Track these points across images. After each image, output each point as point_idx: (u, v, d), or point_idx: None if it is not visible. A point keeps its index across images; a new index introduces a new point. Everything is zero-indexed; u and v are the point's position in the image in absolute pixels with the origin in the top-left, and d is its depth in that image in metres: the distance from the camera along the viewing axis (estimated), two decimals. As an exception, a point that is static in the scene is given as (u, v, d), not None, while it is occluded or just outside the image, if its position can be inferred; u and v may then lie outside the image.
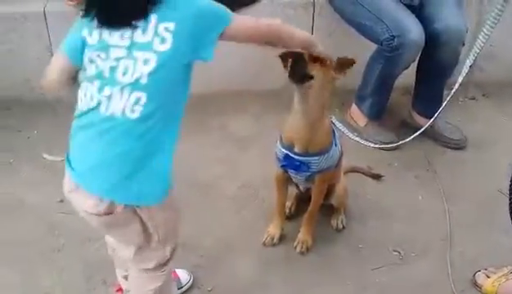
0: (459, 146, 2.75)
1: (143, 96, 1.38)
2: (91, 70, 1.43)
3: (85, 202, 1.46)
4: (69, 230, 2.28)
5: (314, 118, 1.94)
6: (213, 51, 1.44)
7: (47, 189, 2.49)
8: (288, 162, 2.03)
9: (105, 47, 1.40)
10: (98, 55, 1.41)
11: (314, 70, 1.84)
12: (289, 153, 2.01)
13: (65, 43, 1.49)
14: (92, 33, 1.42)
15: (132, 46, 1.38)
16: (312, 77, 1.84)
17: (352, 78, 2.82)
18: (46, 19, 2.90)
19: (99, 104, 1.40)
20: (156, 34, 1.37)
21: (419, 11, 2.57)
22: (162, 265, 1.64)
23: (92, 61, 1.43)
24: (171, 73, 1.40)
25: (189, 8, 1.40)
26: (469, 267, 2.09)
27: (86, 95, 1.43)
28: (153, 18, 1.38)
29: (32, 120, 2.94)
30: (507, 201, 1.79)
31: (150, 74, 1.37)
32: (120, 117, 1.39)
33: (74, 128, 1.49)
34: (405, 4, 2.57)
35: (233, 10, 3.08)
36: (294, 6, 2.97)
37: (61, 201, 2.42)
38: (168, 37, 1.37)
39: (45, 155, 2.70)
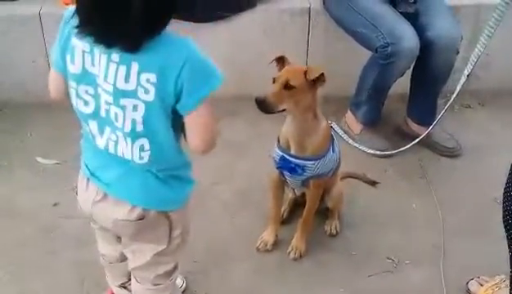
0: (453, 154, 2.76)
1: (146, 143, 1.36)
2: (84, 108, 1.37)
3: (114, 211, 1.45)
4: (63, 234, 2.27)
5: (304, 124, 1.96)
6: (193, 109, 1.32)
7: (40, 192, 2.48)
8: (283, 164, 2.04)
9: (92, 82, 1.33)
10: (86, 91, 1.35)
11: (282, 102, 1.87)
12: (285, 155, 2.02)
13: (54, 60, 1.44)
14: (75, 60, 1.34)
15: (117, 93, 1.30)
16: (284, 110, 1.89)
17: (348, 85, 2.84)
18: (41, 21, 2.89)
19: (108, 145, 1.39)
20: (139, 85, 1.28)
21: (414, 19, 2.58)
22: (172, 271, 1.63)
23: (79, 97, 1.36)
24: (162, 116, 1.33)
25: (172, 57, 1.28)
26: (462, 275, 2.09)
27: (91, 131, 1.41)
28: (134, 65, 1.27)
29: (26, 123, 2.93)
30: (501, 209, 1.79)
31: (143, 120, 1.32)
32: (131, 160, 1.39)
33: (90, 144, 1.46)
34: (401, 12, 2.58)
35: (229, 15, 3.11)
36: (291, 13, 2.98)
37: (55, 204, 2.41)
38: (151, 89, 1.28)
39: (39, 158, 2.69)
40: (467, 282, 2.06)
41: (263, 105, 1.84)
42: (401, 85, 2.75)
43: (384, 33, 2.48)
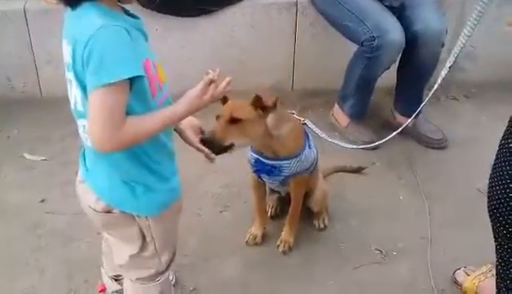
0: (440, 146, 2.78)
1: (86, 124, 1.32)
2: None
3: (87, 197, 1.47)
4: (51, 230, 2.26)
5: (265, 143, 1.93)
6: (89, 90, 1.24)
7: (28, 188, 2.46)
8: (260, 167, 2.03)
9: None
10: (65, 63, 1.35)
11: (230, 137, 1.79)
12: (260, 158, 2.00)
13: None
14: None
15: (66, 67, 1.31)
16: (232, 145, 1.82)
17: (335, 79, 2.85)
18: (26, 17, 2.87)
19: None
20: (68, 56, 1.28)
21: (399, 13, 2.60)
22: (157, 275, 1.61)
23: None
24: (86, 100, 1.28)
25: (82, 33, 1.22)
26: (449, 265, 2.11)
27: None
28: (66, 40, 1.28)
29: (12, 119, 2.91)
30: (486, 199, 1.81)
31: (82, 99, 1.30)
32: (85, 143, 1.39)
33: None
34: (386, 6, 2.60)
35: (216, 10, 3.10)
36: (278, 6, 2.98)
37: (42, 201, 2.40)
38: (71, 63, 1.27)
39: (26, 155, 2.67)
40: (454, 272, 2.08)
41: (213, 143, 1.73)
42: (388, 79, 2.76)
43: (370, 26, 2.50)
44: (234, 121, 1.80)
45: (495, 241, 1.68)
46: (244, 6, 2.98)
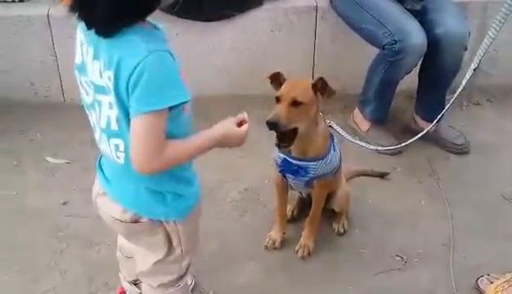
0: (462, 151, 2.75)
1: (121, 143, 1.34)
2: (85, 97, 1.38)
3: (111, 208, 1.47)
4: (72, 233, 2.28)
5: (305, 132, 1.92)
6: (134, 115, 1.25)
7: (50, 191, 2.49)
8: (286, 167, 2.03)
9: (87, 73, 1.33)
10: (86, 82, 1.34)
11: (294, 120, 1.83)
12: (287, 158, 2.00)
13: None
14: (77, 50, 1.35)
15: (95, 87, 1.31)
16: (297, 130, 1.85)
17: (355, 83, 2.83)
18: (50, 22, 2.91)
19: (100, 141, 1.41)
20: (105, 82, 1.27)
21: (421, 17, 2.57)
22: (177, 280, 1.62)
23: (82, 85, 1.37)
24: (127, 120, 1.29)
25: (128, 57, 1.22)
26: (471, 273, 2.08)
27: (91, 123, 1.41)
28: (101, 62, 1.26)
29: (35, 123, 2.95)
30: (511, 206, 1.79)
31: (118, 120, 1.30)
32: (113, 160, 1.39)
33: None
34: (408, 9, 2.57)
35: (235, 14, 3.11)
36: (297, 10, 2.97)
37: (64, 203, 2.43)
38: (111, 87, 1.25)
39: (48, 158, 2.70)
40: (477, 280, 2.04)
41: (278, 126, 1.79)
42: (408, 82, 2.74)
43: (391, 30, 2.48)
44: (296, 104, 1.82)
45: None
46: (264, 10, 2.98)
